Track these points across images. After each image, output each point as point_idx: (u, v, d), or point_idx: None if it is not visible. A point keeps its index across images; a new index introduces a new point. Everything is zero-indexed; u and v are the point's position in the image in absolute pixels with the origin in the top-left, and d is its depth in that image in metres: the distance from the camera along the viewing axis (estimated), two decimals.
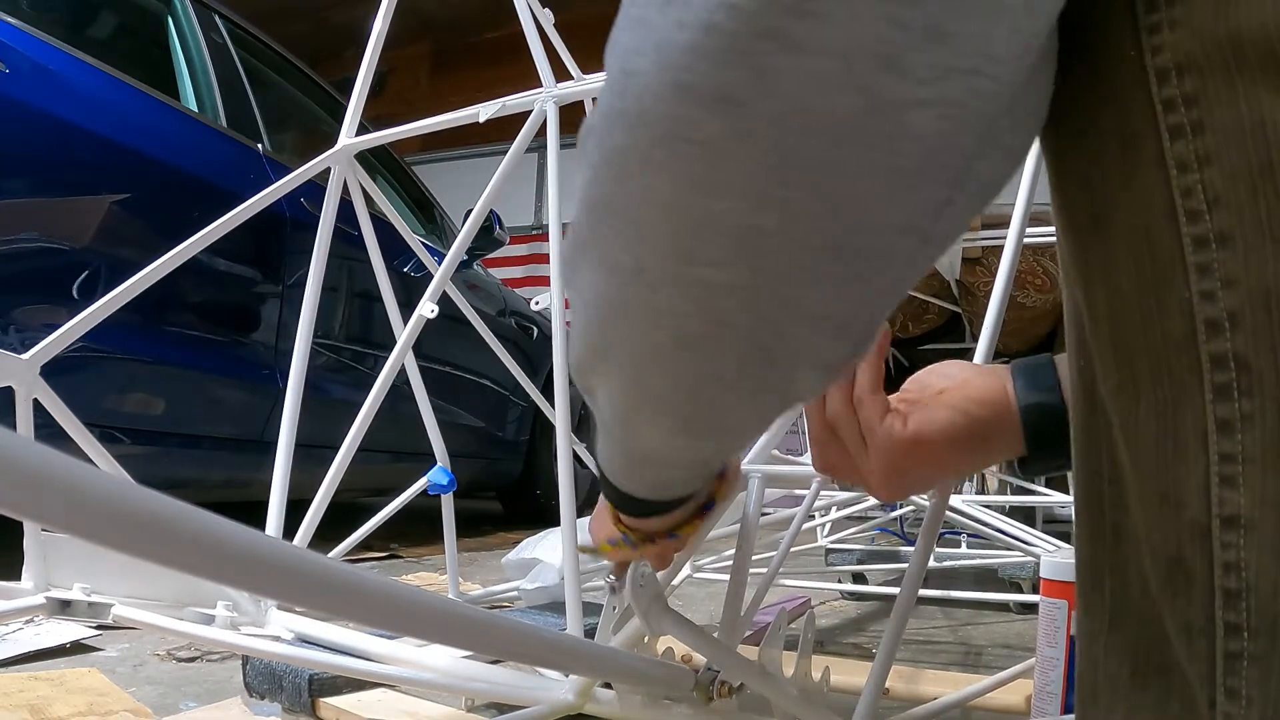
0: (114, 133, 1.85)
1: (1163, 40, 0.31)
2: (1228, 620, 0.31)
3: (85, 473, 0.21)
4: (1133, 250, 0.33)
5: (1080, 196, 0.35)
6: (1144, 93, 0.32)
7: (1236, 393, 0.31)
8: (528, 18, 1.13)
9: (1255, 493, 0.31)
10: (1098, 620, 0.38)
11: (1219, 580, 0.31)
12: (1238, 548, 0.31)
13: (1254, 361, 0.30)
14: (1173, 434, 0.33)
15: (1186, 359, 0.32)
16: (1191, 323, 0.31)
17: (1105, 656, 0.38)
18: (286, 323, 2.20)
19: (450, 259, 1.15)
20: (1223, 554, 0.31)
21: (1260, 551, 0.31)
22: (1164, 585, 0.34)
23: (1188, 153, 0.31)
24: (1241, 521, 0.31)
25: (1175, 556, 0.33)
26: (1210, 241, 0.31)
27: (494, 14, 1.75)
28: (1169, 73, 0.32)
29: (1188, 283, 0.31)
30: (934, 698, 0.92)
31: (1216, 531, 0.31)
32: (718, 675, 0.62)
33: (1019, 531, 1.64)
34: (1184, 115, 0.31)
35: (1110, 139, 0.34)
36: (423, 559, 2.54)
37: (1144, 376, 0.33)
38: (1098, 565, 0.38)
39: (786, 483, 0.83)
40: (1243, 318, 0.31)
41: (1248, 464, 0.31)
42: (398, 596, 0.33)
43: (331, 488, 1.11)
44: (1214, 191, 0.31)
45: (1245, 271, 0.30)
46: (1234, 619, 0.31)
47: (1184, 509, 0.32)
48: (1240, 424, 0.31)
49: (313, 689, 0.97)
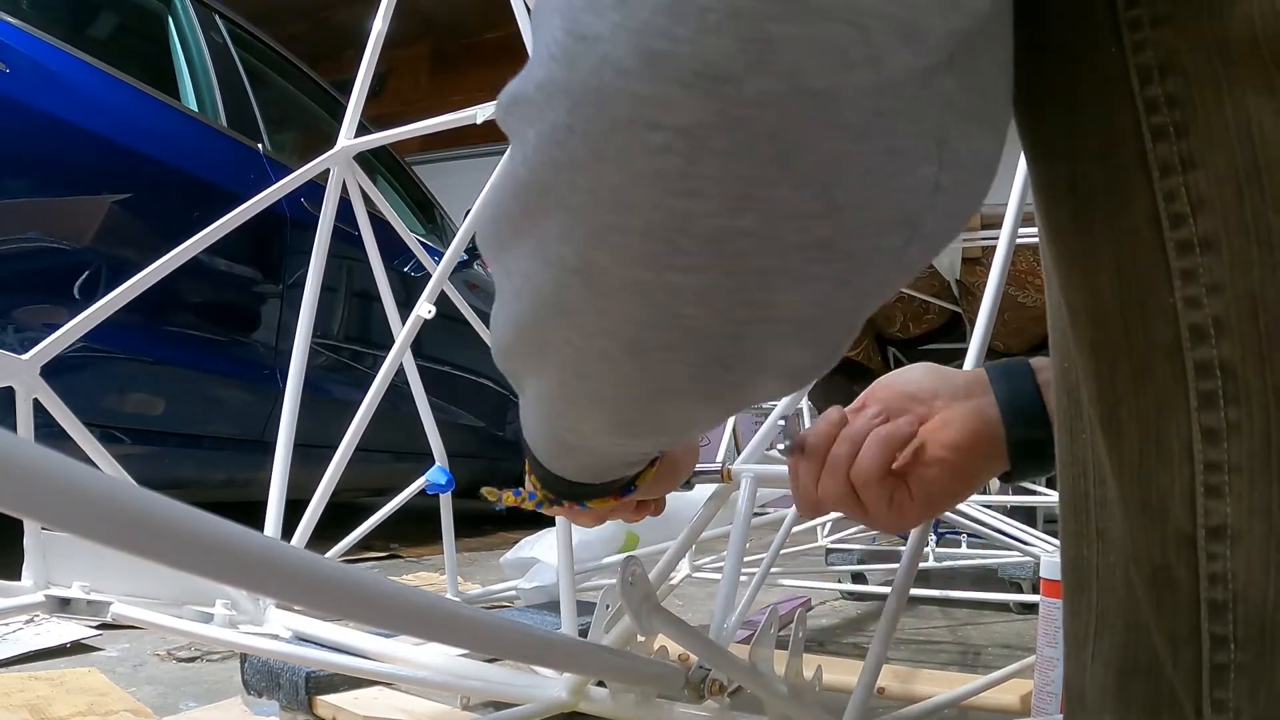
0: (114, 133, 1.85)
1: (1145, 37, 0.30)
2: (1214, 632, 0.31)
3: (85, 473, 0.21)
4: (1115, 254, 0.32)
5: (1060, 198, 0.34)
6: (1126, 92, 0.31)
7: (1222, 401, 0.30)
8: (525, 18, 1.13)
9: (1242, 502, 0.30)
10: (1083, 623, 0.38)
11: (1205, 592, 0.31)
12: (1224, 558, 0.30)
13: (1240, 369, 0.30)
14: (1156, 442, 0.32)
15: (1170, 366, 0.31)
16: (1176, 329, 0.31)
17: (1092, 661, 0.37)
18: (286, 322, 2.21)
19: (448, 259, 1.15)
20: (1209, 565, 0.31)
21: (1248, 562, 0.30)
22: (1149, 593, 0.33)
23: (1171, 155, 0.30)
24: (1228, 532, 0.30)
25: (1160, 565, 0.32)
26: (1194, 246, 0.30)
27: (494, 14, 1.75)
28: (1152, 72, 0.30)
29: (1171, 288, 0.31)
30: (928, 697, 0.93)
31: (1202, 542, 0.31)
32: (709, 673, 0.62)
33: (1019, 531, 1.64)
34: (1167, 116, 0.30)
35: (1090, 139, 0.33)
36: (423, 559, 2.54)
37: (1126, 383, 0.33)
38: (1083, 568, 0.38)
39: (778, 483, 0.83)
40: (1228, 324, 0.30)
41: (1234, 473, 0.30)
42: (393, 595, 0.33)
43: (330, 487, 1.12)
44: (1198, 195, 0.30)
45: (1231, 277, 0.30)
46: (1220, 630, 0.31)
47: (1168, 518, 0.32)
48: (1226, 432, 0.30)
49: (310, 687, 0.98)
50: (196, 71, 2.23)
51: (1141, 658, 0.35)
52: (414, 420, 1.38)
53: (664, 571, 0.77)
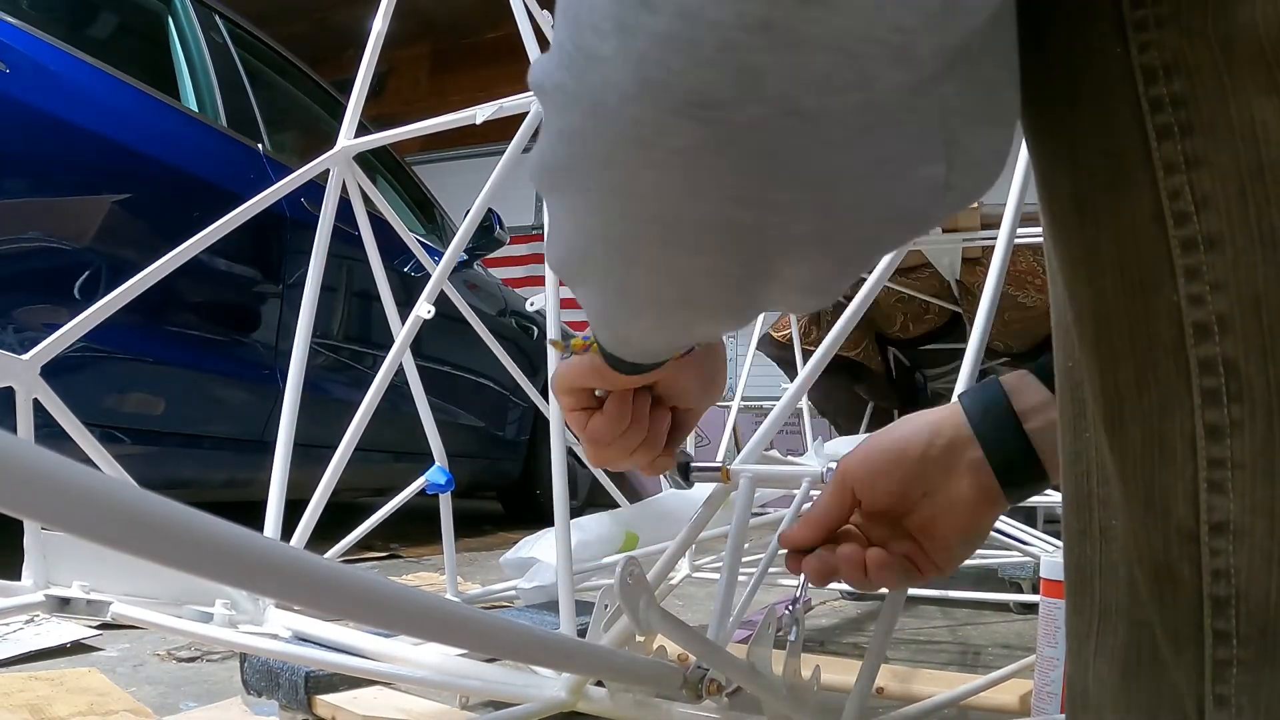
0: (114, 133, 1.85)
1: (1150, 38, 0.31)
2: (1217, 628, 0.31)
3: (85, 473, 0.21)
4: (1118, 252, 0.32)
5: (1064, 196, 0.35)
6: (1130, 91, 0.31)
7: (1226, 398, 0.30)
8: (524, 18, 1.13)
9: (1245, 499, 0.30)
10: (1086, 621, 0.38)
11: (1208, 588, 0.31)
12: (1227, 554, 0.30)
13: (1243, 367, 0.30)
14: (1159, 439, 0.32)
15: (1174, 363, 0.31)
16: (1179, 327, 0.31)
17: (1095, 658, 0.37)
18: (286, 322, 2.21)
19: (447, 259, 1.15)
20: (1212, 561, 0.31)
21: (1251, 558, 0.30)
22: (1152, 591, 0.33)
23: (1175, 154, 0.31)
24: (1231, 528, 0.30)
25: (1162, 562, 0.32)
26: (1199, 244, 0.30)
27: (494, 14, 1.75)
28: (1157, 72, 0.31)
29: (1175, 286, 0.31)
30: (927, 697, 0.93)
31: (1205, 538, 0.31)
32: (707, 673, 0.62)
33: (1019, 531, 1.65)
34: (1172, 116, 0.31)
35: (1094, 137, 0.33)
36: (423, 559, 2.54)
37: (1129, 380, 0.33)
38: (1086, 565, 0.38)
39: (776, 483, 0.83)
40: (1232, 322, 0.30)
41: (1237, 470, 0.30)
42: (392, 595, 0.33)
43: (329, 487, 1.12)
44: (1202, 193, 0.30)
45: (1234, 275, 0.30)
46: (1223, 626, 0.31)
47: (1171, 515, 0.32)
48: (1230, 429, 0.30)
49: (309, 686, 0.98)
50: (196, 71, 2.24)
51: (1144, 654, 0.35)
52: (414, 420, 1.38)
53: (663, 571, 0.77)
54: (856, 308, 0.86)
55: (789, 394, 0.87)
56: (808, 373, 0.87)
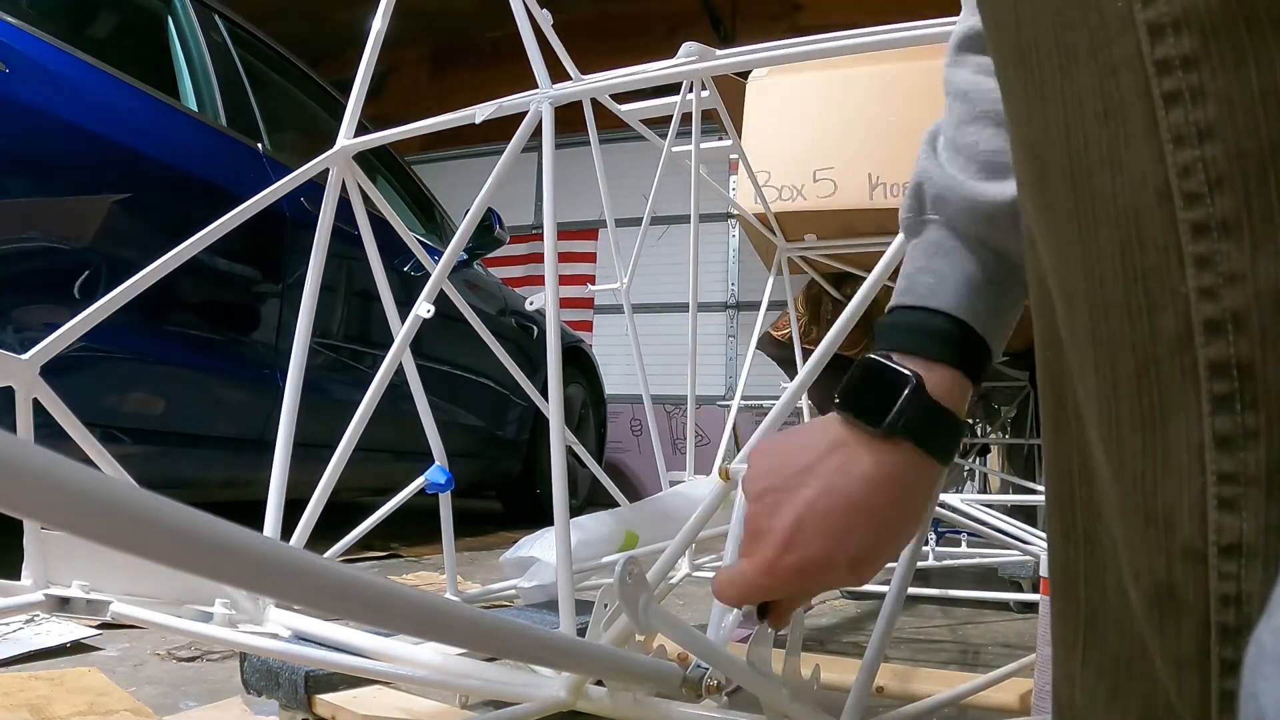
0: (114, 133, 1.85)
1: None
2: (1224, 657, 0.28)
3: (85, 473, 0.21)
4: (1118, 235, 0.29)
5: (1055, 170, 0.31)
6: (1133, 50, 0.28)
7: (1239, 405, 0.27)
8: (524, 18, 1.13)
9: (1259, 518, 0.27)
10: (1072, 628, 0.35)
11: (1215, 614, 0.28)
12: (1238, 579, 0.27)
13: (1260, 370, 0.26)
14: (1160, 446, 0.29)
15: (1180, 363, 0.28)
16: (1187, 322, 0.27)
17: (1082, 669, 0.34)
18: (286, 322, 2.21)
19: (447, 258, 1.15)
20: (1220, 585, 0.28)
21: (1264, 585, 0.27)
22: (1150, 611, 0.30)
23: (1186, 124, 0.27)
24: (1243, 550, 0.27)
25: (1164, 583, 0.29)
26: (1211, 229, 0.27)
27: (494, 14, 1.75)
28: (1164, 29, 0.27)
29: (1184, 276, 0.27)
30: (927, 696, 0.93)
31: (1213, 560, 0.28)
32: (707, 672, 0.62)
33: (1019, 530, 1.65)
34: (1182, 80, 0.27)
35: (1090, 101, 0.29)
36: (423, 558, 2.55)
37: (1126, 378, 0.29)
38: (1071, 569, 0.35)
39: None
40: (1248, 319, 0.26)
41: (1250, 486, 0.27)
42: (392, 595, 0.33)
43: (329, 486, 1.12)
44: (1217, 171, 0.26)
45: (1252, 266, 0.26)
46: (1232, 656, 0.27)
47: (1174, 532, 0.28)
48: (1243, 441, 0.27)
49: (309, 685, 0.98)
50: (196, 71, 2.24)
51: (1136, 671, 0.32)
52: (414, 420, 1.38)
53: (663, 570, 0.77)
54: (856, 307, 0.86)
55: (789, 393, 0.87)
56: (807, 372, 0.87)
